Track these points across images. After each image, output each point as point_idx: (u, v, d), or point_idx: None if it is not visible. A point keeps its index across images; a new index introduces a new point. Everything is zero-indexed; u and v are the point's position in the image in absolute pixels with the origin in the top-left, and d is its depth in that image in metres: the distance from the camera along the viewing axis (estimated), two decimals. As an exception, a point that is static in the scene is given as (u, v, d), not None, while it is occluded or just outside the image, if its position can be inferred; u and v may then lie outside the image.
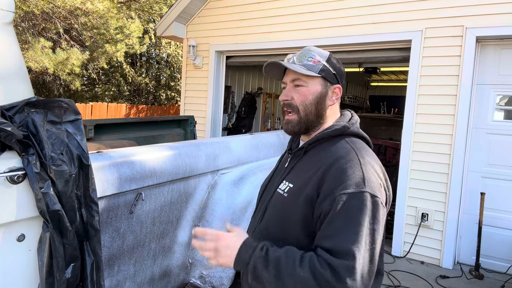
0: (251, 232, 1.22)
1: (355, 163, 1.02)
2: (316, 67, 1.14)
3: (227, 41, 5.50)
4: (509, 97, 3.79)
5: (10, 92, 1.35)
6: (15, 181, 1.31)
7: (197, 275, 2.36)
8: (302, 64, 1.14)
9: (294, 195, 1.07)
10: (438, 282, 3.52)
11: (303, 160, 1.15)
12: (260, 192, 1.31)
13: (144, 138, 3.61)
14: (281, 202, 1.11)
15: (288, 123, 1.16)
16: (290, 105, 1.15)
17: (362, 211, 0.94)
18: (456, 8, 3.81)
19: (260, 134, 3.38)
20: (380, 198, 0.99)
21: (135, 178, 1.91)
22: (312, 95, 1.14)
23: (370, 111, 11.52)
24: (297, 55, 1.18)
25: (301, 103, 1.14)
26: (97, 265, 1.49)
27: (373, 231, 0.95)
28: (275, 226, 1.11)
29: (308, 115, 1.14)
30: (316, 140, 1.14)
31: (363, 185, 0.97)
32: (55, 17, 9.19)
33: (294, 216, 1.05)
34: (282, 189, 1.13)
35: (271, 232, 1.12)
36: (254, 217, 1.26)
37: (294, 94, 1.15)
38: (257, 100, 7.81)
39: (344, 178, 0.98)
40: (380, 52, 4.51)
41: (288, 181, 1.13)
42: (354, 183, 0.97)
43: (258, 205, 1.28)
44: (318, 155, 1.12)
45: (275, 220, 1.12)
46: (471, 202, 3.92)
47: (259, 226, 1.17)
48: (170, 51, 15.44)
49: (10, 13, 1.40)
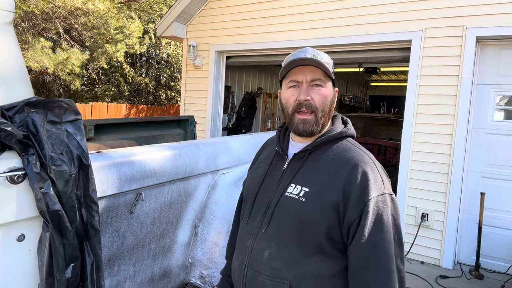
0: (251, 238, 1.15)
1: (373, 167, 1.07)
2: (330, 69, 1.13)
3: (227, 41, 5.50)
4: (509, 97, 3.79)
5: (10, 92, 1.35)
6: (15, 181, 1.31)
7: (197, 275, 2.36)
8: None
9: (315, 200, 1.05)
10: (438, 282, 3.52)
11: (309, 162, 1.13)
12: (252, 193, 1.22)
13: (144, 138, 3.61)
14: (298, 207, 1.07)
15: (306, 123, 1.12)
16: (310, 105, 1.11)
17: (387, 212, 1.03)
18: (456, 8, 3.81)
19: (260, 134, 3.38)
20: (393, 194, 1.09)
21: (135, 178, 1.91)
22: (329, 97, 1.14)
23: (370, 111, 11.53)
24: (309, 53, 1.11)
25: (321, 105, 1.12)
26: (97, 265, 1.49)
27: (399, 225, 1.06)
28: (291, 233, 1.07)
29: (324, 117, 1.14)
30: (323, 142, 1.13)
31: (383, 187, 1.05)
32: (55, 17, 9.19)
33: (317, 221, 1.04)
34: (295, 193, 1.09)
35: (285, 239, 1.08)
36: (251, 222, 1.18)
37: (313, 94, 1.12)
38: (257, 100, 7.81)
39: (369, 183, 1.03)
40: (380, 52, 4.51)
41: (299, 184, 1.09)
42: (378, 187, 1.04)
43: (252, 208, 1.20)
44: (328, 157, 1.11)
45: (291, 226, 1.07)
46: (471, 202, 3.92)
47: (266, 233, 1.11)
48: (170, 51, 15.44)
49: (10, 13, 1.40)
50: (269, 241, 1.10)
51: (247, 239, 1.17)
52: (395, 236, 1.02)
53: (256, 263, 1.12)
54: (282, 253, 1.07)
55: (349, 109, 11.65)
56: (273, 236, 1.10)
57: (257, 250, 1.12)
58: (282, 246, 1.08)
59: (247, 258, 1.15)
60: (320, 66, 1.11)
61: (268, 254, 1.10)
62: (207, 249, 2.36)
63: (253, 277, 1.12)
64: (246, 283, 1.13)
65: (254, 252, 1.13)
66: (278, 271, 1.07)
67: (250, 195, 1.23)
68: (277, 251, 1.08)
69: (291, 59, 1.13)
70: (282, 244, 1.08)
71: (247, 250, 1.16)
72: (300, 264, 1.05)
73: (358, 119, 7.13)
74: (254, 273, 1.12)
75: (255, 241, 1.13)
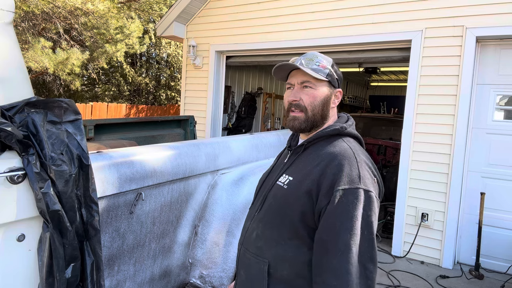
0: (249, 220, 1.29)
1: (352, 160, 1.11)
2: (323, 71, 1.22)
3: (227, 41, 5.50)
4: (509, 97, 3.79)
5: (10, 92, 1.35)
6: (15, 181, 1.31)
7: (197, 275, 2.36)
8: (311, 68, 1.21)
9: (294, 187, 1.14)
10: (438, 282, 3.52)
11: (302, 156, 1.23)
12: (259, 184, 1.37)
13: (144, 138, 3.61)
14: (281, 193, 1.18)
15: (295, 120, 1.22)
16: (298, 105, 1.22)
17: (356, 206, 1.04)
18: (456, 8, 3.81)
19: (260, 134, 3.38)
20: (374, 192, 1.09)
21: (135, 178, 1.91)
22: (320, 97, 1.22)
23: (370, 111, 11.53)
24: (304, 59, 1.24)
25: (310, 104, 1.21)
26: (97, 265, 1.49)
27: (371, 222, 1.05)
28: (273, 215, 1.18)
29: (315, 115, 1.21)
30: (316, 138, 1.22)
31: (358, 181, 1.07)
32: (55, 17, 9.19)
33: (293, 206, 1.12)
34: (282, 181, 1.20)
35: (268, 221, 1.19)
36: (253, 207, 1.33)
37: (302, 95, 1.22)
38: (257, 100, 7.81)
39: (342, 174, 1.07)
40: (380, 52, 4.51)
41: (288, 174, 1.21)
42: (350, 179, 1.06)
43: (256, 196, 1.34)
44: (317, 152, 1.20)
45: (274, 209, 1.19)
46: (471, 202, 3.92)
47: (258, 215, 1.24)
48: (170, 51, 15.44)
49: (10, 13, 1.40)
50: (258, 223, 1.23)
51: (247, 221, 1.31)
52: (364, 231, 1.03)
53: (247, 242, 1.25)
54: (266, 234, 1.19)
55: (349, 109, 11.64)
56: (261, 218, 1.22)
57: (250, 230, 1.26)
58: (266, 227, 1.19)
59: (242, 237, 1.29)
60: (304, 69, 1.19)
61: (255, 234, 1.22)
62: (207, 249, 2.36)
63: (243, 254, 1.26)
64: (239, 259, 1.28)
65: (248, 232, 1.26)
66: (260, 250, 1.19)
67: (258, 185, 1.38)
68: (262, 232, 1.20)
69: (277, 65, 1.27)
70: (266, 226, 1.19)
71: (244, 230, 1.30)
72: (279, 246, 1.15)
73: (358, 119, 7.14)
74: (244, 250, 1.26)
75: (251, 223, 1.27)
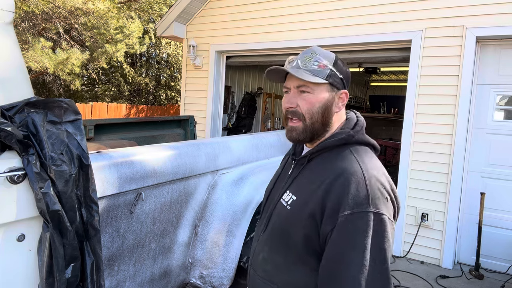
0: (256, 240, 1.21)
1: (358, 178, 0.96)
2: (323, 72, 1.06)
3: (227, 41, 5.50)
4: (509, 97, 3.79)
5: (10, 92, 1.35)
6: (15, 181, 1.31)
7: (197, 275, 2.36)
8: (307, 69, 1.06)
9: (298, 209, 1.03)
10: (438, 282, 3.52)
11: (306, 169, 1.10)
12: (265, 196, 1.26)
13: (144, 138, 3.61)
14: (285, 215, 1.07)
15: (293, 131, 1.09)
16: (295, 112, 1.08)
17: (364, 233, 0.90)
18: (456, 8, 3.81)
19: (260, 134, 3.38)
20: (387, 214, 0.94)
21: (135, 178, 1.91)
22: (319, 103, 1.07)
23: (370, 111, 11.52)
24: (301, 58, 1.09)
25: (308, 111, 1.06)
26: (97, 265, 1.49)
27: (383, 250, 0.92)
28: (278, 238, 1.09)
29: (314, 124, 1.07)
30: (319, 150, 1.09)
31: (367, 204, 0.92)
32: (55, 17, 9.19)
33: (297, 231, 1.02)
34: (285, 200, 1.09)
35: (274, 244, 1.10)
36: (259, 223, 1.23)
37: (299, 101, 1.07)
38: (257, 100, 7.81)
39: (347, 196, 0.94)
40: (380, 52, 4.51)
41: (291, 192, 1.09)
42: (357, 202, 0.93)
43: (263, 210, 1.24)
44: (321, 166, 1.07)
45: (278, 232, 1.09)
46: (471, 202, 3.92)
47: (263, 236, 1.16)
48: (170, 51, 15.44)
49: (10, 13, 1.40)
50: (264, 245, 1.15)
51: (255, 240, 1.24)
52: (375, 261, 0.89)
53: (255, 263, 1.19)
54: (273, 258, 1.11)
55: (349, 109, 11.59)
56: (267, 240, 1.14)
57: (257, 252, 1.18)
58: (272, 251, 1.11)
59: (251, 258, 1.23)
60: (297, 74, 1.05)
61: (261, 256, 1.15)
62: (207, 249, 2.36)
63: (253, 276, 1.19)
64: (250, 280, 1.22)
65: (255, 254, 1.19)
66: (268, 274, 1.11)
67: (265, 196, 1.27)
68: (269, 255, 1.12)
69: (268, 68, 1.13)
70: (272, 249, 1.11)
71: (252, 250, 1.24)
72: (288, 271, 1.06)
73: (358, 119, 7.12)
74: (253, 272, 1.19)
75: (257, 243, 1.20)
